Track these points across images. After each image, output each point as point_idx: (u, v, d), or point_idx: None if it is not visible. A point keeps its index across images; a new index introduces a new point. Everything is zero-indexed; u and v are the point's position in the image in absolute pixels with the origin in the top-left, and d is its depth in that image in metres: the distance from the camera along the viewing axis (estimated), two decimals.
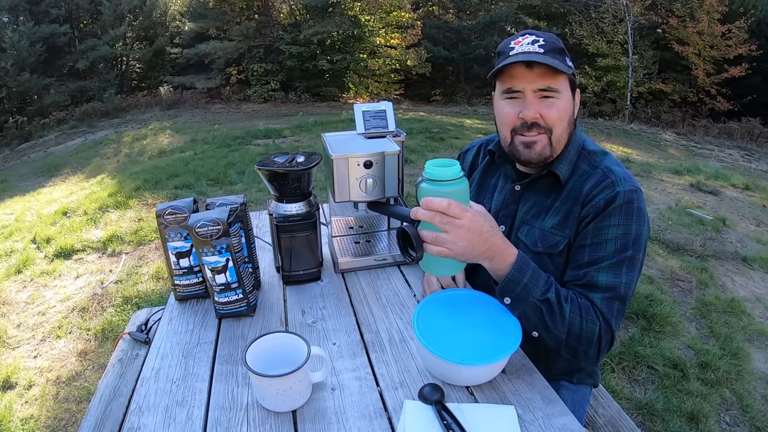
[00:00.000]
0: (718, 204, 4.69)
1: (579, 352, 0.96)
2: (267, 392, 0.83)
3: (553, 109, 0.98)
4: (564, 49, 1.00)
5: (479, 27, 15.27)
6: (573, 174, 1.04)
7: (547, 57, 0.95)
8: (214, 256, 1.01)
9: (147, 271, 3.09)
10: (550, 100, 0.98)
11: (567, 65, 0.97)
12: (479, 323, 0.93)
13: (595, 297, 0.96)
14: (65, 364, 2.30)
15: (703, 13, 12.26)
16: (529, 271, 0.92)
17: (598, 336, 0.94)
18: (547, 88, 0.97)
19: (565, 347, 0.96)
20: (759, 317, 2.73)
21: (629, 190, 0.98)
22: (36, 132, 11.62)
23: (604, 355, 0.96)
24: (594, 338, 0.94)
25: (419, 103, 14.36)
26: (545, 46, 0.96)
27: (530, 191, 1.10)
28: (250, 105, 13.19)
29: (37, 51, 12.69)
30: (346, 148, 1.18)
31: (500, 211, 1.14)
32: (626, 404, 2.00)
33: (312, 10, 13.81)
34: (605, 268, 0.97)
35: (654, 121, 12.72)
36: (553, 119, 0.99)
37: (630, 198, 0.98)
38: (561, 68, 0.94)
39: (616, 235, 0.97)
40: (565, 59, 0.99)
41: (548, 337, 0.95)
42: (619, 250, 0.96)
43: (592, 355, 0.97)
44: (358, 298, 1.18)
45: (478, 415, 0.81)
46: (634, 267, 0.98)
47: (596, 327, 0.93)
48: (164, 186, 4.82)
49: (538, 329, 0.95)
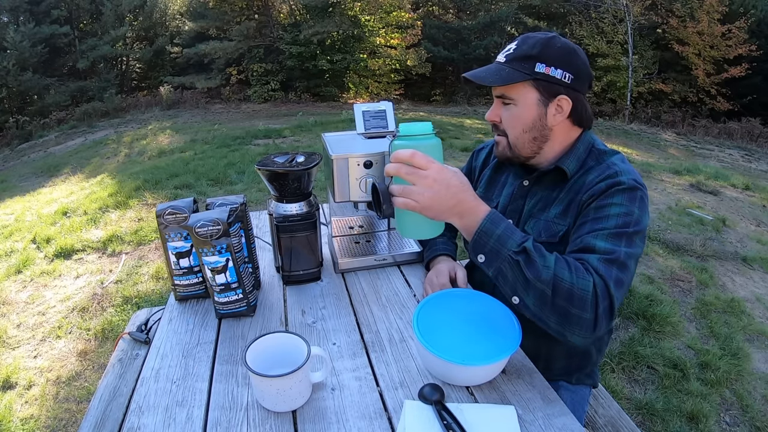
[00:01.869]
0: (718, 204, 4.69)
1: (572, 319, 0.83)
2: (267, 392, 0.83)
3: (506, 114, 1.05)
4: (534, 56, 0.99)
5: (479, 27, 15.28)
6: (580, 169, 1.05)
7: (502, 67, 1.01)
8: (214, 256, 1.01)
9: (147, 271, 3.09)
10: (507, 106, 1.04)
11: (525, 73, 0.98)
12: (479, 323, 0.93)
13: (591, 258, 0.88)
14: (65, 364, 2.30)
15: (703, 13, 12.27)
16: (503, 223, 0.87)
17: (594, 295, 0.83)
18: (502, 95, 1.04)
19: (553, 311, 0.84)
20: (759, 317, 2.73)
21: (633, 180, 0.98)
22: (36, 132, 11.63)
23: (604, 328, 0.84)
24: (588, 296, 0.82)
25: (419, 103, 14.37)
26: (511, 55, 1.01)
27: (538, 186, 1.11)
28: (250, 105, 13.19)
29: (38, 51, 12.70)
30: (346, 148, 1.18)
31: (508, 206, 1.15)
32: (626, 404, 2.00)
33: (312, 10, 13.82)
34: (604, 236, 0.92)
35: (654, 121, 12.73)
36: (505, 124, 1.05)
37: (634, 186, 0.97)
38: (497, 81, 0.99)
39: (618, 212, 0.94)
40: (534, 65, 0.98)
41: (531, 300, 0.85)
42: (620, 225, 0.92)
43: (587, 323, 0.83)
44: (358, 298, 1.18)
45: (478, 415, 0.81)
46: (634, 246, 0.92)
47: (589, 282, 0.83)
48: (164, 186, 4.82)
49: (518, 290, 0.86)
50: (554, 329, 0.87)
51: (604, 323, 0.84)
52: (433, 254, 1.26)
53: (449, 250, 1.27)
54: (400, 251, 1.34)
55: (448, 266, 1.18)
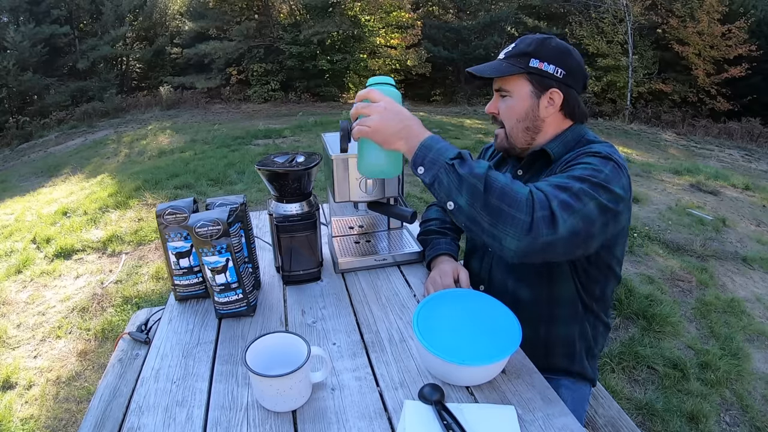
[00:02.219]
0: (718, 204, 4.69)
1: (505, 218, 0.83)
2: (267, 392, 0.83)
3: (503, 106, 1.13)
4: (530, 52, 1.07)
5: (479, 27, 15.27)
6: (565, 154, 1.09)
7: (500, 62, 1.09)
8: (214, 256, 1.01)
9: (147, 271, 3.09)
10: (504, 99, 1.13)
11: (520, 67, 1.07)
12: (479, 323, 0.93)
13: (538, 183, 0.91)
14: (65, 364, 2.30)
15: (703, 13, 12.26)
16: (444, 142, 0.92)
17: (530, 199, 0.84)
18: (499, 88, 1.13)
19: (485, 209, 0.84)
20: (759, 317, 2.73)
21: (609, 152, 0.99)
22: (36, 132, 11.62)
23: (543, 237, 0.82)
24: (522, 198, 0.83)
25: (419, 103, 14.36)
26: (510, 52, 1.10)
27: (529, 173, 1.16)
28: (250, 105, 13.19)
29: (38, 51, 12.69)
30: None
31: None
32: (626, 404, 2.00)
33: (312, 10, 13.81)
34: (561, 176, 0.94)
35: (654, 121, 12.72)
36: (502, 115, 1.14)
37: (608, 155, 0.97)
38: (493, 73, 1.08)
39: (584, 167, 0.95)
40: (528, 60, 1.06)
41: (464, 200, 0.85)
42: (583, 174, 0.91)
43: (521, 224, 0.82)
44: (358, 298, 1.18)
45: (478, 415, 0.81)
46: (597, 192, 0.89)
47: (525, 189, 0.85)
48: (164, 186, 4.82)
49: (451, 193, 0.87)
50: (487, 232, 0.85)
51: (543, 231, 0.83)
52: (435, 253, 1.26)
53: (452, 251, 1.27)
54: (400, 251, 1.34)
55: (452, 267, 1.18)
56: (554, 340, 1.16)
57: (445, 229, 1.34)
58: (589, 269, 1.09)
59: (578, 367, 1.20)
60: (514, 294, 1.15)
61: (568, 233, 0.85)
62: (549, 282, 1.11)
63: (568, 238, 0.85)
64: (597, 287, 1.13)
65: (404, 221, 1.20)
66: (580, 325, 1.16)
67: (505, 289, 1.17)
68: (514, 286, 1.16)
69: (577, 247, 0.90)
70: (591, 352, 1.21)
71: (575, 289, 1.11)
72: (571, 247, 0.88)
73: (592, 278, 1.11)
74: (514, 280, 1.16)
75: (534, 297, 1.14)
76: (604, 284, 1.14)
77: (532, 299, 1.14)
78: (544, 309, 1.14)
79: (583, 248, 0.92)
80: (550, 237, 0.83)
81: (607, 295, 1.18)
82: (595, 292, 1.13)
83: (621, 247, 1.11)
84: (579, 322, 1.16)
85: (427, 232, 1.35)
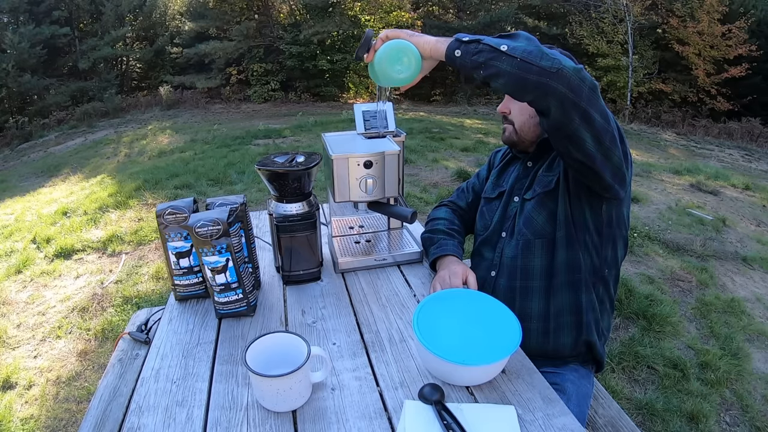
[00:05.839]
0: (718, 204, 4.68)
1: (553, 60, 0.88)
2: (267, 392, 0.83)
3: (515, 106, 1.21)
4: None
5: (479, 27, 15.24)
6: None
7: None
8: (214, 256, 1.01)
9: (147, 271, 3.09)
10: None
11: None
12: (479, 323, 0.93)
13: None
14: (65, 364, 2.30)
15: (703, 13, 12.25)
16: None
17: (592, 84, 0.91)
18: None
19: (539, 52, 0.89)
20: (759, 317, 2.73)
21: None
22: (36, 132, 11.62)
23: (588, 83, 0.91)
24: (590, 80, 0.91)
25: (419, 103, 14.36)
26: None
27: (539, 164, 1.22)
28: (250, 105, 13.20)
29: (37, 52, 12.69)
30: (346, 148, 1.18)
31: (515, 185, 1.27)
32: (626, 404, 2.00)
33: (312, 10, 13.82)
34: None
35: (654, 121, 12.72)
36: (514, 113, 1.22)
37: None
38: None
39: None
40: None
41: (522, 42, 0.92)
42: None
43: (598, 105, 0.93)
44: (358, 298, 1.18)
45: (478, 415, 0.81)
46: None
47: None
48: (164, 186, 4.82)
49: (501, 42, 0.91)
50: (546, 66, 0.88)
51: (588, 79, 0.90)
52: (442, 252, 1.26)
53: (459, 254, 1.28)
54: (400, 251, 1.34)
55: (463, 269, 1.18)
56: (563, 308, 1.18)
57: (452, 231, 1.35)
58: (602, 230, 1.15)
59: (585, 340, 1.20)
60: (524, 267, 1.18)
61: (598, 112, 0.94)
62: (561, 249, 1.15)
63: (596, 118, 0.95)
64: (609, 249, 1.18)
65: (404, 221, 1.20)
66: (588, 296, 1.18)
67: (515, 265, 1.20)
68: (524, 261, 1.19)
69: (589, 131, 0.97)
70: (598, 326, 1.23)
71: (587, 252, 1.15)
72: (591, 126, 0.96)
73: (604, 238, 1.15)
74: (524, 256, 1.19)
75: (544, 266, 1.17)
76: (615, 247, 1.19)
77: (542, 269, 1.17)
78: (554, 278, 1.16)
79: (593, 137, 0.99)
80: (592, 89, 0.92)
81: (618, 260, 1.22)
82: (607, 255, 1.18)
83: (627, 209, 1.20)
84: (587, 291, 1.18)
85: (434, 230, 1.35)
